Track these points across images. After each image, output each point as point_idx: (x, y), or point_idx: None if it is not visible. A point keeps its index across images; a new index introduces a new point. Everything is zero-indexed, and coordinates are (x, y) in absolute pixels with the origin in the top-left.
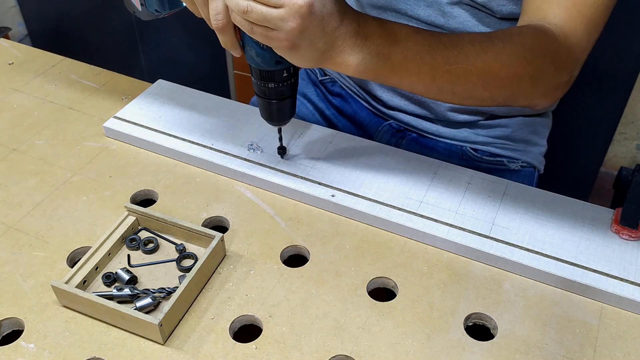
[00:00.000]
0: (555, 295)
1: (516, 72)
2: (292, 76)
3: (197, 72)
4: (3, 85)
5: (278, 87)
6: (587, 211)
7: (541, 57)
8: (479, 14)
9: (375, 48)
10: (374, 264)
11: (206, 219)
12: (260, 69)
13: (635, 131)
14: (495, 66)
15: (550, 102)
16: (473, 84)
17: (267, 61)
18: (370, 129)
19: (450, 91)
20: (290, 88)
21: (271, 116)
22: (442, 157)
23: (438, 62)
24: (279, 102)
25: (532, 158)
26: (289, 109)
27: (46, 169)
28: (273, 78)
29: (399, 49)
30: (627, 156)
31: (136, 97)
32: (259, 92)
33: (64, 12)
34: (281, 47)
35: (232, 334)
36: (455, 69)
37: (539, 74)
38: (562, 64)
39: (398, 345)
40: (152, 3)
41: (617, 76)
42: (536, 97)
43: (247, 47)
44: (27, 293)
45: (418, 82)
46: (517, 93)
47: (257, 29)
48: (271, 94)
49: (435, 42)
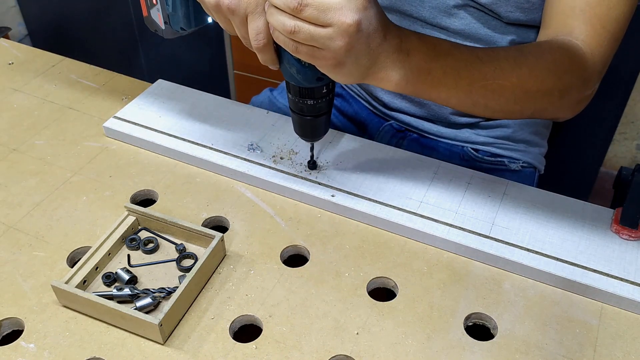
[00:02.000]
0: (555, 295)
1: (547, 86)
2: (331, 92)
3: (197, 72)
4: (3, 85)
5: (316, 103)
6: (587, 211)
7: (570, 73)
8: (484, 17)
9: (417, 63)
10: (374, 264)
11: (206, 219)
12: (299, 87)
13: (635, 131)
14: (529, 81)
15: (573, 114)
16: (506, 99)
17: (308, 78)
18: (371, 129)
19: (483, 106)
20: (328, 104)
21: (305, 132)
22: (442, 158)
23: (475, 77)
24: (314, 118)
25: (532, 158)
26: (324, 125)
27: (46, 169)
28: (312, 95)
29: (439, 64)
30: (627, 156)
31: (136, 97)
32: (295, 108)
33: (64, 12)
34: (327, 65)
35: (232, 334)
36: (490, 84)
37: (567, 88)
38: (588, 78)
39: (398, 345)
40: (178, 21)
41: (617, 76)
42: (562, 110)
43: (287, 65)
44: (27, 293)
45: (454, 96)
46: (546, 107)
47: (303, 48)
48: (309, 110)
49: (473, 58)
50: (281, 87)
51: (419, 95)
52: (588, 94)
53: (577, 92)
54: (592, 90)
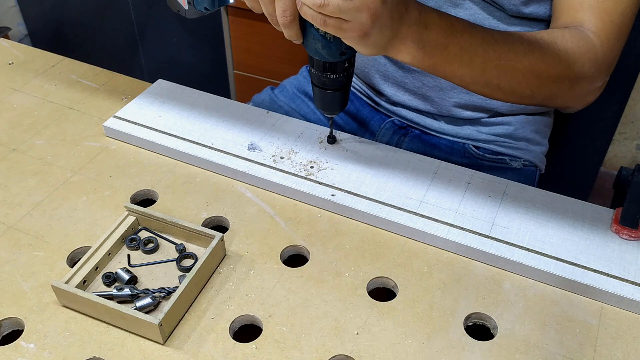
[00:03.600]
0: (555, 295)
1: (558, 73)
2: (352, 66)
3: (197, 72)
4: (3, 85)
5: (338, 77)
6: (587, 211)
7: (580, 62)
8: (489, 8)
9: (435, 37)
10: (374, 263)
11: (206, 219)
12: (324, 61)
13: (635, 131)
14: (540, 66)
15: (582, 106)
16: (518, 81)
17: (332, 53)
18: (373, 126)
19: (496, 86)
20: (348, 78)
21: (326, 106)
22: (444, 154)
23: (490, 56)
24: (334, 92)
25: (533, 157)
26: (343, 99)
27: (46, 169)
28: (335, 69)
29: (455, 39)
30: (627, 156)
31: (136, 97)
32: (318, 83)
33: (64, 12)
34: (353, 37)
35: (232, 333)
36: (504, 65)
37: (577, 77)
38: (599, 70)
39: (398, 345)
40: (202, 1)
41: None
42: (572, 99)
43: (312, 40)
44: (27, 293)
45: (469, 73)
46: (556, 93)
47: (331, 21)
48: (331, 84)
49: (488, 37)
50: (282, 86)
51: (435, 70)
52: (598, 85)
53: (588, 82)
54: (602, 82)
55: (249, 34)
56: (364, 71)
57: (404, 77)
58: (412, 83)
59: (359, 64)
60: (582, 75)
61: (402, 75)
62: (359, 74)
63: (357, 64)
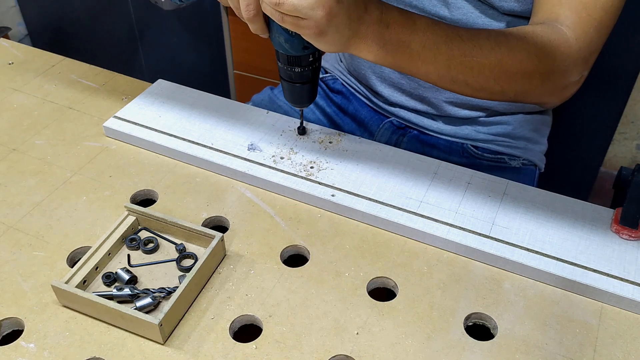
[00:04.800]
0: (555, 295)
1: (527, 68)
2: (317, 61)
3: (197, 72)
4: (3, 85)
5: (303, 71)
6: (587, 211)
7: (552, 57)
8: (482, 6)
9: (396, 36)
10: (374, 263)
11: (206, 219)
12: (287, 55)
13: (635, 131)
14: (508, 61)
15: (560, 101)
16: (486, 77)
17: (295, 47)
18: (372, 127)
19: (463, 82)
20: (314, 72)
21: (294, 99)
22: (443, 154)
23: (454, 53)
24: (302, 85)
25: (532, 156)
26: (311, 92)
27: (46, 169)
28: (299, 63)
29: (418, 37)
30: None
31: (136, 97)
32: (284, 76)
33: (64, 12)
34: (310, 34)
35: (232, 333)
36: (469, 61)
37: (549, 72)
38: (572, 65)
39: (398, 345)
40: None
41: (617, 76)
42: (546, 95)
43: (276, 34)
44: (27, 293)
45: (434, 71)
46: (528, 89)
47: (288, 18)
48: (296, 77)
49: (453, 34)
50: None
51: (400, 67)
52: (574, 80)
53: (561, 77)
54: (578, 77)
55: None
56: (361, 73)
57: (400, 78)
58: (408, 84)
59: (356, 66)
60: (553, 70)
61: (399, 77)
62: (356, 75)
63: (353, 66)
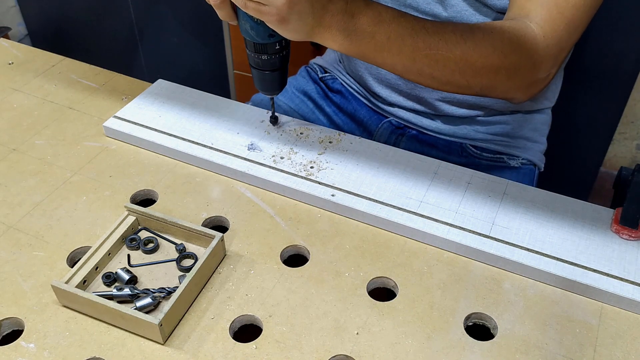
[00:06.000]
0: (555, 295)
1: (492, 63)
2: (284, 49)
3: (197, 72)
4: (3, 85)
5: (270, 58)
6: (587, 211)
7: (518, 53)
8: (476, 4)
9: (361, 26)
10: (374, 263)
11: (206, 219)
12: (254, 42)
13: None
14: (473, 55)
15: (527, 97)
16: (451, 70)
17: (260, 34)
18: (371, 126)
19: (429, 75)
20: (282, 60)
21: (264, 86)
22: (441, 154)
23: (419, 45)
24: (271, 72)
25: (532, 155)
26: (280, 80)
27: (46, 169)
28: (266, 50)
29: (382, 29)
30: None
31: (136, 97)
32: (253, 63)
33: (64, 12)
34: (272, 20)
35: (232, 333)
36: (434, 54)
37: (515, 68)
38: (539, 62)
39: (398, 345)
40: None
41: (617, 76)
42: (512, 90)
43: (242, 21)
44: (27, 293)
45: (399, 62)
46: (493, 84)
47: (250, 4)
48: (264, 65)
49: (419, 27)
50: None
51: (365, 58)
52: (541, 77)
53: (528, 73)
54: (546, 74)
55: None
56: (358, 74)
57: (396, 79)
58: (405, 85)
59: (353, 67)
60: (519, 66)
61: (395, 78)
62: (353, 76)
63: (351, 67)
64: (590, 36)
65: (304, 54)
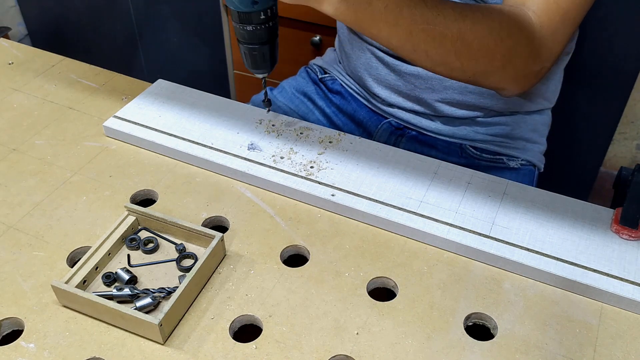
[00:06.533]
0: (555, 295)
1: (488, 46)
2: (270, 19)
3: (197, 72)
4: (3, 85)
5: (256, 29)
6: (587, 211)
7: (515, 39)
8: None
9: None
10: (374, 263)
11: (206, 219)
12: (238, 11)
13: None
14: (470, 36)
15: (519, 90)
16: (446, 50)
17: (244, 2)
18: (370, 127)
19: (424, 52)
20: (268, 32)
21: (254, 63)
22: (441, 155)
23: (416, 18)
24: (260, 47)
25: (531, 156)
26: (269, 56)
27: (46, 168)
28: (250, 20)
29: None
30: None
31: (136, 97)
32: (239, 37)
33: (64, 12)
34: None
35: (232, 333)
36: (432, 30)
37: (510, 55)
38: (535, 52)
39: (398, 345)
40: None
41: (617, 76)
42: (505, 80)
43: None
44: (27, 293)
45: (395, 35)
46: (488, 70)
47: None
48: (251, 37)
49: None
50: (281, 87)
51: (360, 27)
52: (536, 69)
53: (522, 63)
54: (539, 67)
55: None
56: (357, 75)
57: (396, 80)
58: (404, 86)
59: (353, 67)
60: (515, 54)
61: (394, 79)
62: (353, 77)
63: (350, 67)
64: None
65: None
